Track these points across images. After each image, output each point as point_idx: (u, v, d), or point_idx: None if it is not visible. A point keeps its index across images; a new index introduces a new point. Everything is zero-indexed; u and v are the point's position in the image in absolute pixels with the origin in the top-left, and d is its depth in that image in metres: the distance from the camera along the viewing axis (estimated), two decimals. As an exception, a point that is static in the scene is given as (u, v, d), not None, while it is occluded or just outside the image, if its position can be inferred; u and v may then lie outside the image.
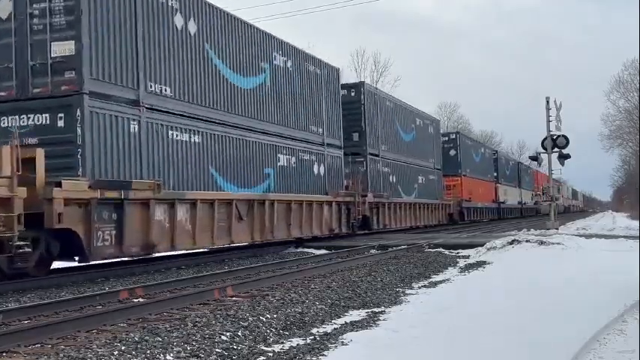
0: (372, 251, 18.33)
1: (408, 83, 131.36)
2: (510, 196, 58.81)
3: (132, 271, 13.78)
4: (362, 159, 26.45)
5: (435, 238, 22.02)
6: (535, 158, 28.24)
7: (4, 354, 5.96)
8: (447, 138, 42.72)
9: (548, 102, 24.80)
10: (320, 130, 22.73)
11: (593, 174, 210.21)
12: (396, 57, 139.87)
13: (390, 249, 18.60)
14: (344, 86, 26.61)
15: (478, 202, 45.59)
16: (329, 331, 7.25)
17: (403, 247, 19.11)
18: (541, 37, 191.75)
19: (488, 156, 52.86)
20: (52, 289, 11.03)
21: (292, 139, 20.67)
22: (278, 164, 19.55)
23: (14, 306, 8.76)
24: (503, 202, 54.76)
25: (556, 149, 24.56)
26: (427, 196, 34.70)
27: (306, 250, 19.86)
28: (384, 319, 7.90)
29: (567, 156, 24.92)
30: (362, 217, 24.69)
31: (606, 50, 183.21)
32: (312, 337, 6.84)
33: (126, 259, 15.10)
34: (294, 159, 20.62)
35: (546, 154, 25.09)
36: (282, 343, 6.69)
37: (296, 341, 6.71)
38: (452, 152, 41.93)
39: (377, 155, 27.76)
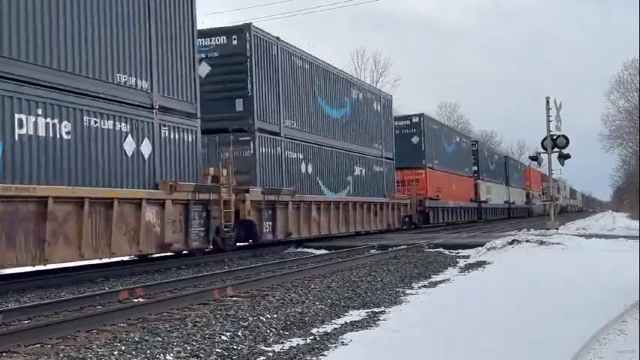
0: (372, 251, 18.34)
1: (408, 83, 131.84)
2: (495, 194, 51.05)
3: (132, 271, 13.78)
4: (247, 138, 18.25)
5: (434, 238, 22.03)
6: (535, 158, 28.24)
7: (4, 354, 5.96)
8: (407, 122, 34.53)
9: (548, 102, 24.79)
10: (142, 83, 14.07)
11: (593, 174, 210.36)
12: (396, 57, 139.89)
13: (390, 249, 18.62)
14: (218, 31, 18.91)
15: (449, 200, 37.52)
16: (329, 331, 7.25)
17: (403, 247, 19.12)
18: (541, 37, 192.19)
19: (466, 146, 44.22)
20: (52, 289, 11.04)
21: (61, 90, 11.94)
22: (17, 133, 10.95)
23: (14, 306, 8.76)
24: (484, 202, 46.87)
25: (556, 149, 24.56)
26: (369, 192, 26.74)
27: (306, 250, 19.88)
28: (384, 319, 7.90)
29: (567, 156, 24.92)
30: (243, 223, 17.49)
31: (606, 50, 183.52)
32: (312, 337, 6.84)
33: (126, 258, 15.14)
34: (67, 126, 11.97)
35: (546, 154, 25.10)
36: (282, 343, 6.69)
37: (296, 341, 6.71)
38: (414, 139, 33.96)
39: (277, 134, 19.64)
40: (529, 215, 63.69)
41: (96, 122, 12.74)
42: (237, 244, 18.06)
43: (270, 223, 18.71)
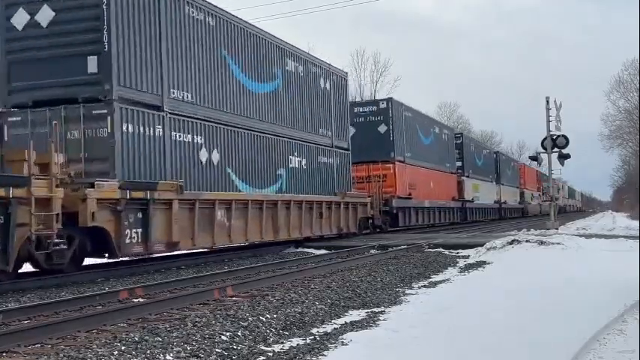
0: (372, 251, 18.32)
1: (408, 83, 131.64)
2: (484, 193, 46.45)
3: (132, 271, 13.78)
4: (103, 111, 13.28)
5: (434, 238, 22.01)
6: (535, 158, 28.25)
7: (4, 354, 5.96)
8: (373, 107, 29.79)
9: (548, 102, 24.82)
10: None
11: (593, 174, 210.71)
12: (396, 57, 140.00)
13: (389, 249, 18.60)
14: None
15: (425, 199, 32.92)
16: (329, 331, 7.25)
17: (403, 247, 19.10)
18: (541, 37, 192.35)
19: (448, 139, 39.13)
20: (52, 289, 11.03)
21: None
22: None
23: (14, 306, 8.76)
24: (470, 201, 42.25)
25: (556, 149, 24.58)
26: (313, 189, 21.59)
27: (306, 250, 19.86)
28: (384, 319, 7.91)
29: (567, 156, 24.95)
30: (91, 231, 12.48)
31: (606, 50, 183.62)
32: (312, 337, 6.84)
33: (126, 258, 15.12)
34: None
35: (546, 154, 25.11)
36: (282, 343, 6.69)
37: (296, 341, 6.71)
38: (381, 128, 29.16)
39: (157, 108, 14.46)
40: (523, 216, 60.37)
41: None
42: (87, 260, 13.74)
43: (139, 230, 13.35)
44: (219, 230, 15.97)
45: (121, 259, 13.15)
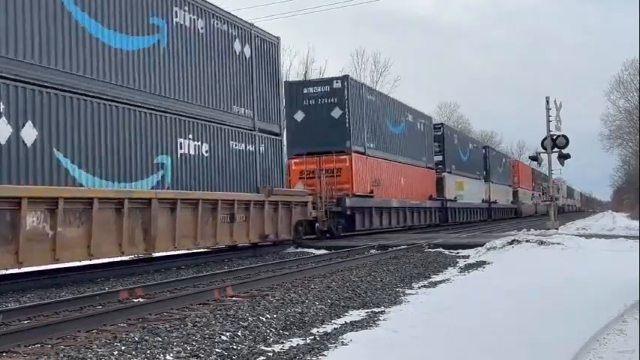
0: (372, 251, 18.31)
1: (408, 83, 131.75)
2: (470, 191, 41.61)
3: (132, 271, 13.79)
4: None
5: (434, 238, 22.02)
6: (535, 158, 28.24)
7: (4, 354, 5.97)
8: (325, 88, 24.49)
9: (548, 102, 24.82)
10: None
11: (593, 174, 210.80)
12: (396, 57, 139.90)
13: (389, 249, 18.60)
14: None
15: (393, 198, 28.28)
16: (329, 331, 7.25)
17: (403, 247, 19.10)
18: (541, 37, 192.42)
19: (424, 129, 33.87)
20: (52, 289, 11.04)
21: None
22: None
23: (14, 306, 8.76)
24: (452, 200, 37.59)
25: (556, 149, 24.59)
26: (221, 184, 16.76)
27: (306, 250, 19.86)
28: (384, 319, 7.90)
29: (567, 156, 24.95)
30: None
31: (606, 50, 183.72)
32: (312, 337, 6.84)
33: (126, 258, 15.15)
34: None
35: (546, 154, 25.12)
36: (282, 343, 6.69)
37: (296, 341, 6.71)
38: (335, 112, 24.19)
39: None
40: (517, 216, 56.47)
41: None
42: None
43: None
44: (29, 244, 10.71)
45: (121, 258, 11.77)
